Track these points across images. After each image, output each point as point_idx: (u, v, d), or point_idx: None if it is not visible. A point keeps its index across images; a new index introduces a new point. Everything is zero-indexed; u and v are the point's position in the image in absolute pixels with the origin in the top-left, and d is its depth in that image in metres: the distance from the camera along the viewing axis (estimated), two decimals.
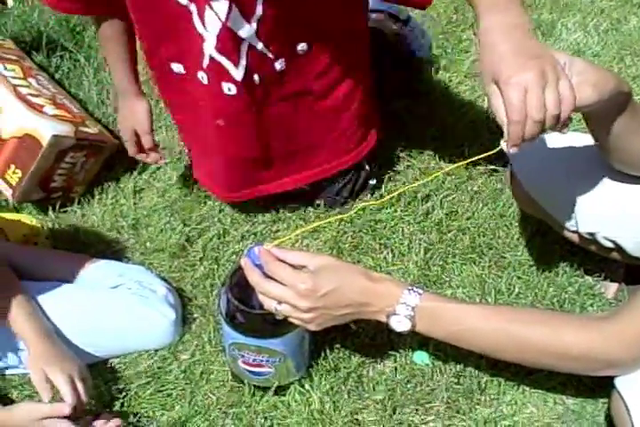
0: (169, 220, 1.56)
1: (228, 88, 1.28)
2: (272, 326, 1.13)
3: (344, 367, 1.32)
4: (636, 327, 0.96)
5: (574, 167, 1.26)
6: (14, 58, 1.68)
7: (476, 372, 1.32)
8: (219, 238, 1.53)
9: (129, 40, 1.37)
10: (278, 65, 1.28)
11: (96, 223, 1.55)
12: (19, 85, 1.54)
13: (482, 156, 1.00)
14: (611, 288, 1.47)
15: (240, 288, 1.13)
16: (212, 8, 1.16)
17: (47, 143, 1.43)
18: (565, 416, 1.28)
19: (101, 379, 1.30)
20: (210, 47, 1.22)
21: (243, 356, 1.21)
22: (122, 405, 1.28)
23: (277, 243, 1.06)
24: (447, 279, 1.48)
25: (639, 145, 1.07)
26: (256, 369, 1.23)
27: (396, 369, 1.33)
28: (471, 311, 1.03)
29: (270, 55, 1.26)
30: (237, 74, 1.26)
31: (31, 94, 1.53)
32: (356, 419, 1.27)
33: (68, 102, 1.62)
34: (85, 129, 1.53)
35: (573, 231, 1.30)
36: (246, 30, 1.20)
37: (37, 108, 1.49)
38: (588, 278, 1.48)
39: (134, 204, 1.60)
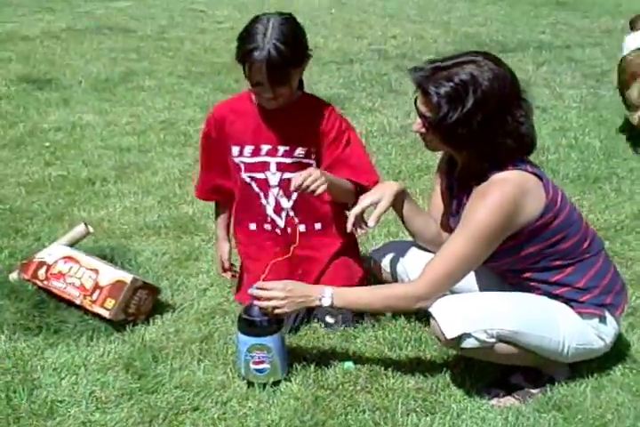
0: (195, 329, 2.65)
1: (277, 232, 2.60)
2: (265, 328, 2.22)
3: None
4: (430, 274, 2.09)
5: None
6: None
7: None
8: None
9: (229, 216, 2.76)
10: (302, 228, 2.53)
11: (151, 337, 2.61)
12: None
13: None
14: None
15: (247, 310, 2.24)
16: (271, 189, 2.54)
17: (130, 281, 2.59)
18: None
19: None
20: (270, 211, 2.58)
21: (253, 357, 2.24)
22: None
23: (261, 279, 2.22)
24: None
25: (418, 224, 2.34)
26: (260, 366, 2.25)
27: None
28: (362, 289, 2.20)
29: (296, 220, 2.57)
30: (281, 223, 2.59)
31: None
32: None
33: None
34: (146, 280, 2.71)
35: None
36: (285, 203, 2.56)
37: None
38: None
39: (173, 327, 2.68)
